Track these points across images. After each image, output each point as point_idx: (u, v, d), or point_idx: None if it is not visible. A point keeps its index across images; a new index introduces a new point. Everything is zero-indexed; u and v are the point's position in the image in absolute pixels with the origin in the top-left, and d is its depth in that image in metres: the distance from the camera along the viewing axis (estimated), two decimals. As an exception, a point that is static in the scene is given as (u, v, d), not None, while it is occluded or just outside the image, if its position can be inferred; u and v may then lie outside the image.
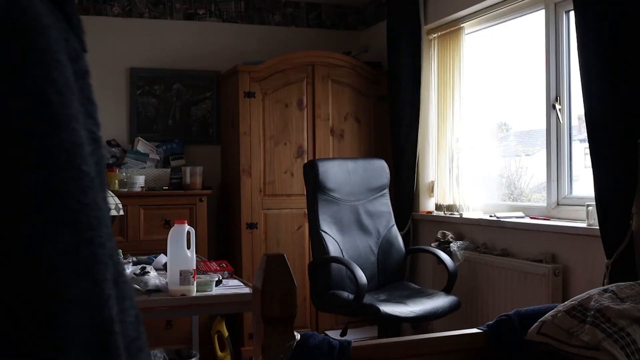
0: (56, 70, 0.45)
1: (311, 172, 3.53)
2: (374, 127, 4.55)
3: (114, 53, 4.62)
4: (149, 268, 2.63)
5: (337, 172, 3.60)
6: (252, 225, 4.27)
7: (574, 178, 3.31)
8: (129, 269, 2.69)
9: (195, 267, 2.51)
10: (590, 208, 2.90)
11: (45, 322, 0.41)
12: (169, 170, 4.48)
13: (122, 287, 0.48)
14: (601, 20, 2.64)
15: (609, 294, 1.79)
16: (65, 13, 0.50)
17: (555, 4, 3.32)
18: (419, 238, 4.24)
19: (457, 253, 3.65)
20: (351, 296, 3.24)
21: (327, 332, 3.87)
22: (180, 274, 2.44)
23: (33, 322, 0.40)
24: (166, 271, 2.61)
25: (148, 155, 4.48)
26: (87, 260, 0.44)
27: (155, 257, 3.05)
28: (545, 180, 3.37)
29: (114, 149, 4.51)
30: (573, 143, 3.32)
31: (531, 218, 3.37)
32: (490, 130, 4.19)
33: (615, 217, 2.59)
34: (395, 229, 3.75)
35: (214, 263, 2.92)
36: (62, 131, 0.44)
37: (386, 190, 3.79)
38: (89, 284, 0.43)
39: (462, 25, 3.94)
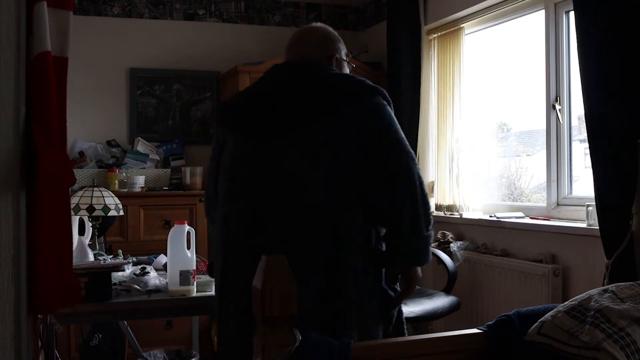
0: None
1: (311, 172, 3.52)
2: (374, 127, 4.54)
3: (114, 53, 4.62)
4: (149, 268, 2.63)
5: (337, 172, 3.59)
6: (252, 226, 4.26)
7: (574, 178, 3.31)
8: (129, 270, 2.69)
9: (195, 268, 2.51)
10: (590, 208, 2.90)
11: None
12: (169, 170, 4.48)
13: None
14: (601, 21, 2.63)
15: (609, 294, 1.79)
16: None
17: (555, 4, 3.32)
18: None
19: (457, 253, 3.65)
20: (351, 296, 3.24)
21: (327, 332, 3.86)
22: (180, 274, 2.44)
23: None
24: (166, 271, 2.61)
25: (148, 156, 4.48)
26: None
27: (155, 258, 3.05)
28: (545, 180, 3.37)
29: (113, 149, 4.51)
30: (573, 143, 3.32)
31: (531, 218, 3.37)
32: (490, 130, 4.19)
33: (615, 217, 2.59)
34: (395, 229, 3.74)
35: (214, 263, 2.91)
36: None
37: (386, 191, 3.78)
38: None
39: (462, 25, 3.94)
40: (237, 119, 1.98)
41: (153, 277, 2.54)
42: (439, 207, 4.13)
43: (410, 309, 3.13)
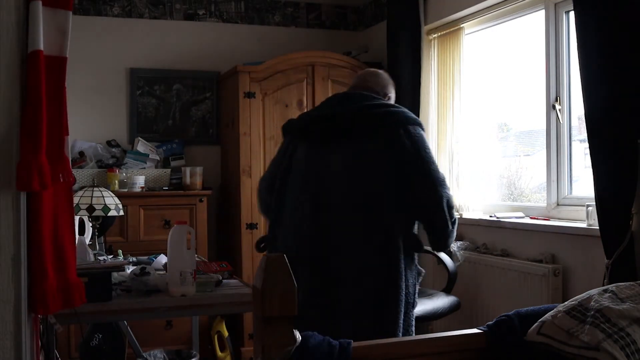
0: None
1: (311, 173, 3.53)
2: (374, 127, 4.54)
3: (114, 53, 4.62)
4: (149, 268, 2.63)
5: (337, 172, 3.60)
6: (252, 226, 4.27)
7: (574, 178, 3.31)
8: (129, 270, 2.69)
9: (195, 268, 2.51)
10: (590, 208, 2.90)
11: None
12: (169, 170, 4.48)
13: None
14: (601, 21, 2.63)
15: (609, 294, 1.79)
16: None
17: (555, 4, 3.32)
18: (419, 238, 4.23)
19: (457, 253, 3.65)
20: (351, 296, 3.24)
21: (327, 332, 3.86)
22: (180, 275, 2.44)
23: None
24: (166, 271, 2.61)
25: (148, 156, 4.48)
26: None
27: (155, 258, 3.05)
28: (545, 180, 3.37)
29: (114, 149, 4.51)
30: (573, 143, 3.32)
31: (531, 218, 3.37)
32: (490, 130, 4.19)
33: (615, 217, 2.59)
34: (395, 229, 3.74)
35: (214, 263, 2.91)
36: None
37: (386, 191, 3.78)
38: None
39: (462, 25, 3.94)
40: (311, 131, 2.53)
41: (153, 277, 2.54)
42: (439, 207, 4.13)
43: (410, 309, 3.12)
